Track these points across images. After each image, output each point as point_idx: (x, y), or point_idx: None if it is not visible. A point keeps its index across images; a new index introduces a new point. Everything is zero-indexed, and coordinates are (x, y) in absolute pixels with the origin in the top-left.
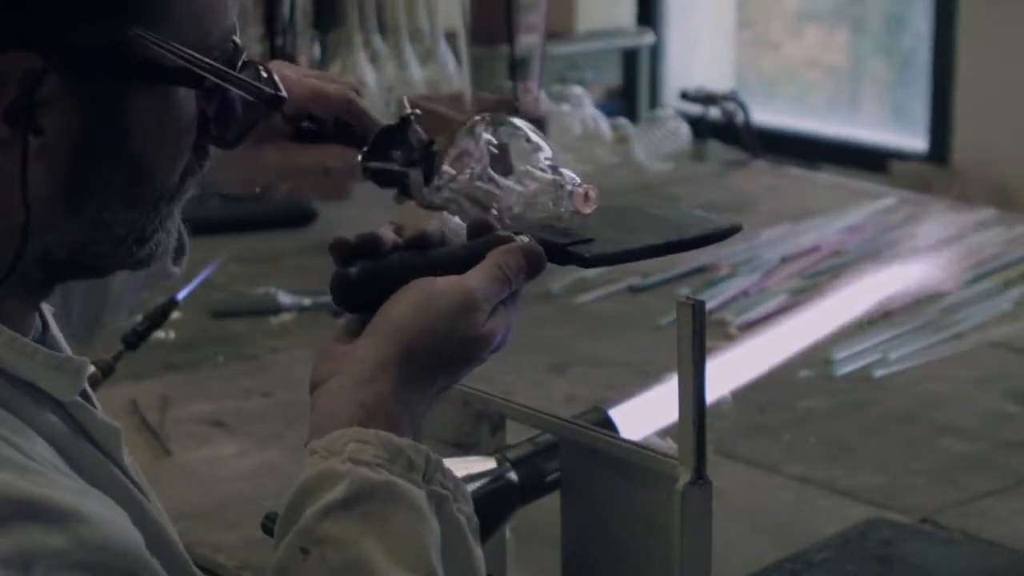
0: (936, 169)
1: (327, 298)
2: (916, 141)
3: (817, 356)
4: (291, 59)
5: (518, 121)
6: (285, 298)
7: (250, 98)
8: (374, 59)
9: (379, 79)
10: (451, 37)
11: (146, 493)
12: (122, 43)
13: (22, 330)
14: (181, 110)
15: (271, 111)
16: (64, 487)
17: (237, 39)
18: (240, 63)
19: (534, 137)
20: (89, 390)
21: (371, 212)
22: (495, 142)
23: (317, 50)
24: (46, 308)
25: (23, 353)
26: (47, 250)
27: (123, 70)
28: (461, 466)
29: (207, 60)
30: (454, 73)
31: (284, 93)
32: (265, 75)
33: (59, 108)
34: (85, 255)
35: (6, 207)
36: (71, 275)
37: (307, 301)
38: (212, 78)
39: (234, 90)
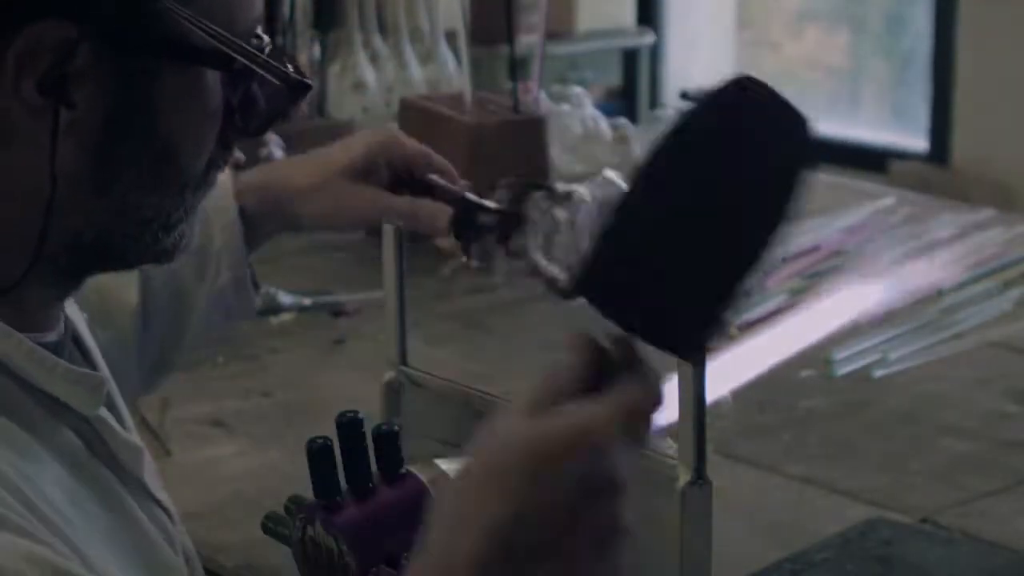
0: (936, 169)
1: (327, 298)
2: (916, 141)
3: (817, 356)
4: (291, 59)
5: (610, 173)
6: (285, 298)
7: (277, 82)
8: (374, 59)
9: (379, 79)
10: (451, 37)
11: (167, 509)
12: (155, 17)
13: (45, 328)
14: (208, 94)
15: (295, 99)
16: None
17: (262, 33)
18: (265, 54)
19: (618, 180)
20: (120, 403)
21: None
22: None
23: (317, 50)
24: (77, 315)
25: (43, 365)
26: (73, 232)
27: (155, 45)
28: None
29: (237, 41)
30: (454, 73)
31: (309, 80)
32: (291, 66)
33: (91, 82)
34: (111, 238)
35: (35, 184)
36: (97, 262)
37: (307, 301)
38: (241, 59)
39: (262, 73)
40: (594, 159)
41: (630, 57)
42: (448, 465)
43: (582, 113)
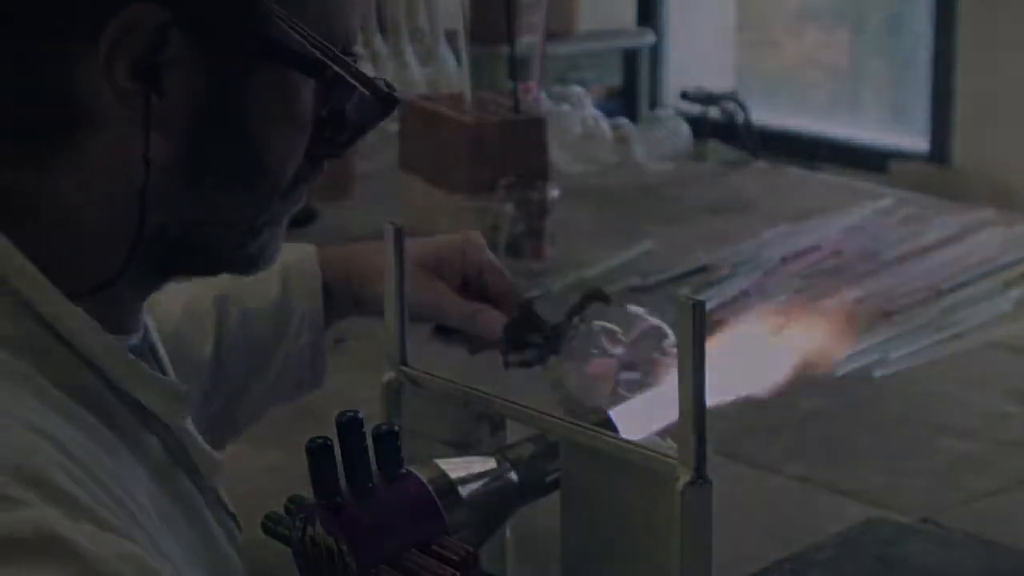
0: (936, 169)
1: None
2: (916, 141)
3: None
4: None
5: (633, 308)
6: None
7: (368, 93)
8: (374, 59)
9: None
10: (451, 37)
11: (238, 522)
12: (251, 14)
13: (129, 331)
14: (300, 103)
15: (385, 113)
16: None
17: (354, 49)
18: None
19: (654, 320)
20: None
21: (371, 212)
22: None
23: None
24: (151, 322)
25: (133, 370)
26: (160, 225)
27: (249, 42)
28: (461, 466)
29: (333, 49)
30: (454, 73)
31: (399, 95)
32: (381, 82)
33: (182, 72)
34: (197, 236)
35: (125, 171)
36: (181, 261)
37: None
38: (334, 67)
39: (356, 85)
40: (594, 159)
41: (630, 57)
42: (448, 465)
43: (582, 113)
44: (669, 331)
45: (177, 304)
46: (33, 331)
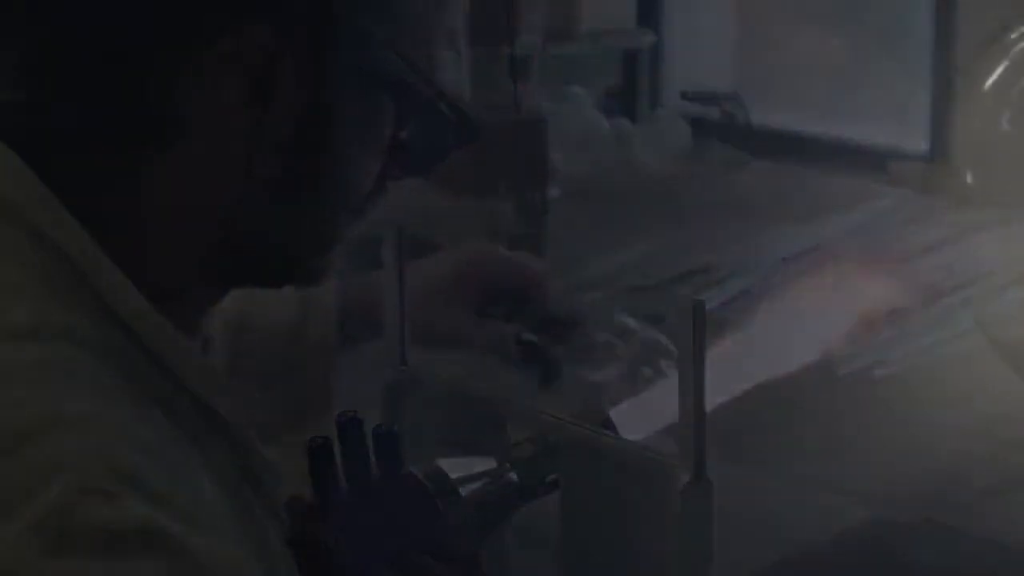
0: (936, 169)
1: None
2: (916, 141)
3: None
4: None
5: (630, 321)
6: None
7: (454, 117)
8: None
9: None
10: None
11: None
12: (355, 38)
13: (194, 335)
14: (385, 124)
15: (466, 140)
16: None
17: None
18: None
19: (651, 334)
20: None
21: (371, 212)
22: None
23: None
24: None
25: (204, 376)
26: (246, 238)
27: (352, 65)
28: (461, 466)
29: (425, 73)
30: (454, 73)
31: (478, 122)
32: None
33: (288, 93)
34: (277, 250)
35: (219, 184)
36: (253, 274)
37: None
38: (428, 91)
39: (443, 109)
40: (594, 159)
41: (630, 57)
42: (448, 465)
43: (582, 113)
44: (670, 346)
45: None
46: (110, 331)
